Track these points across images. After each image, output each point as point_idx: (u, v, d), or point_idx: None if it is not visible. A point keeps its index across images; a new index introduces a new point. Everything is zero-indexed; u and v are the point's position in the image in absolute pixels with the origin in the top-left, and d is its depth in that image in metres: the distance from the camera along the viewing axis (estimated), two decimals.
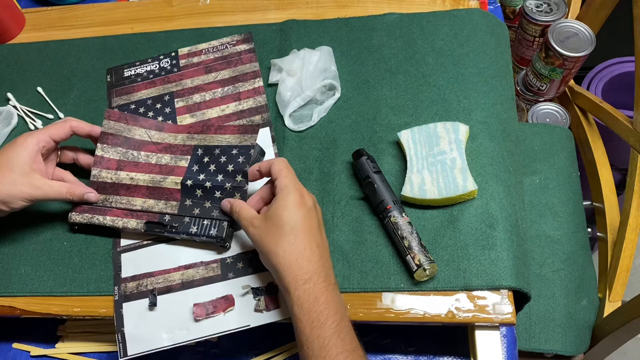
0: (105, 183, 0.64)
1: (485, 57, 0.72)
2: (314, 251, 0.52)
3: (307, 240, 0.52)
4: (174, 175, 0.63)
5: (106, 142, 0.65)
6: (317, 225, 0.54)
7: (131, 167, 0.64)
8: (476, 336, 0.59)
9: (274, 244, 0.53)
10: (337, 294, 0.52)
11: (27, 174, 0.59)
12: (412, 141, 0.65)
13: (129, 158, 0.64)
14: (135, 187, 0.64)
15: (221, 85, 0.74)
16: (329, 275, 0.52)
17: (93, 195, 0.64)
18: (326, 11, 0.80)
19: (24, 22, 0.87)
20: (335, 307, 0.50)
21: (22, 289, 0.64)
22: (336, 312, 0.50)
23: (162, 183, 0.63)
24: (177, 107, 0.73)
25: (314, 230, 0.53)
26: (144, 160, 0.65)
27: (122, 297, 0.62)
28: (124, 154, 0.65)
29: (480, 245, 0.59)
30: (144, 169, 0.64)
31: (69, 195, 0.62)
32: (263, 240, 0.54)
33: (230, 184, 0.61)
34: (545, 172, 0.86)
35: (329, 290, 0.51)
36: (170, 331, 0.60)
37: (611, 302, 0.81)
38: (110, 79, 0.78)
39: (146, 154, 0.65)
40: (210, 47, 0.78)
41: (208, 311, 0.60)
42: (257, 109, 0.72)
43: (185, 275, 0.62)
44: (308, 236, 0.53)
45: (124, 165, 0.64)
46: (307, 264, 0.51)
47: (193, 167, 0.63)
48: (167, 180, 0.63)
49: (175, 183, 0.62)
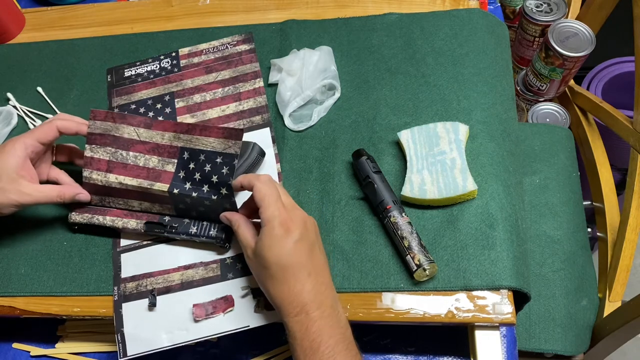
0: (97, 185, 0.63)
1: (485, 57, 0.72)
2: (305, 283, 0.52)
3: (296, 275, 0.52)
4: (161, 182, 0.62)
5: (95, 142, 0.63)
6: (307, 253, 0.53)
7: (120, 169, 0.63)
8: (476, 336, 0.59)
9: (263, 282, 0.54)
10: (331, 319, 0.52)
11: (14, 181, 0.58)
12: (412, 141, 0.65)
13: (118, 158, 0.63)
14: (126, 191, 0.63)
15: (222, 85, 0.74)
16: (323, 302, 0.52)
17: (83, 196, 0.63)
18: (326, 11, 0.80)
19: (24, 22, 0.87)
20: (329, 332, 0.50)
21: (22, 289, 0.64)
22: (330, 337, 0.50)
23: (150, 190, 0.62)
24: (178, 108, 0.73)
25: (303, 261, 0.52)
26: (132, 161, 0.63)
27: (122, 297, 0.62)
28: (113, 154, 0.63)
29: (480, 245, 0.59)
30: (132, 172, 0.63)
31: (59, 199, 0.61)
32: (255, 274, 0.55)
33: (216, 197, 0.60)
34: (545, 172, 0.86)
35: (322, 318, 0.51)
36: (169, 331, 0.60)
37: (611, 302, 0.81)
38: (111, 78, 0.78)
39: (134, 154, 0.63)
40: (211, 47, 0.78)
41: (208, 312, 0.60)
42: (257, 110, 0.72)
43: (184, 275, 0.62)
44: (297, 270, 0.52)
45: (113, 167, 0.63)
46: (297, 297, 0.51)
47: (180, 173, 0.62)
48: (154, 187, 0.62)
49: (162, 191, 0.61)
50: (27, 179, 0.59)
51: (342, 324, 0.52)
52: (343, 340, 0.51)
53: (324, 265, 0.55)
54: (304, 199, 0.65)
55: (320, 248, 0.56)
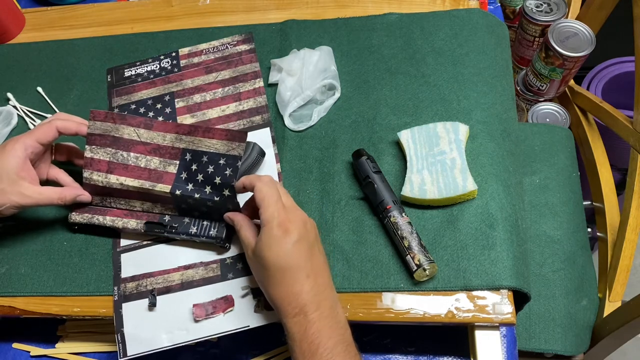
0: (97, 186, 0.63)
1: (485, 57, 0.72)
2: (303, 284, 0.52)
3: (295, 276, 0.52)
4: (163, 182, 0.62)
5: (94, 142, 0.63)
6: (306, 255, 0.53)
7: (120, 170, 0.63)
8: (476, 336, 0.59)
9: (263, 282, 0.54)
10: (330, 320, 0.51)
11: (15, 183, 0.58)
12: (412, 141, 0.65)
13: (118, 159, 0.63)
14: (127, 192, 0.63)
15: (222, 85, 0.74)
16: (322, 303, 0.52)
17: (84, 197, 0.63)
18: (326, 11, 0.80)
19: (24, 22, 0.87)
20: (328, 334, 0.50)
21: (22, 289, 0.64)
22: (328, 338, 0.50)
23: (151, 191, 0.62)
24: (178, 108, 0.73)
25: (302, 262, 0.52)
26: (134, 162, 0.63)
27: (122, 297, 0.62)
28: (114, 155, 0.63)
29: (480, 245, 0.59)
30: (134, 173, 0.63)
31: (60, 201, 0.61)
32: (255, 275, 0.56)
33: (218, 198, 0.60)
34: (545, 172, 0.86)
35: (321, 319, 0.51)
36: (169, 331, 0.60)
37: (611, 302, 0.81)
38: (111, 79, 0.78)
39: (135, 155, 0.63)
40: (211, 47, 0.78)
41: (208, 312, 0.60)
42: (257, 110, 0.72)
43: (184, 275, 0.62)
44: (295, 271, 0.52)
45: (114, 168, 0.63)
46: (296, 298, 0.51)
47: (182, 174, 0.62)
48: (156, 188, 0.61)
49: (164, 192, 0.61)
50: (28, 181, 0.59)
51: (341, 325, 0.52)
52: (342, 341, 0.51)
53: (323, 266, 0.55)
54: (304, 199, 0.65)
55: (320, 249, 0.56)
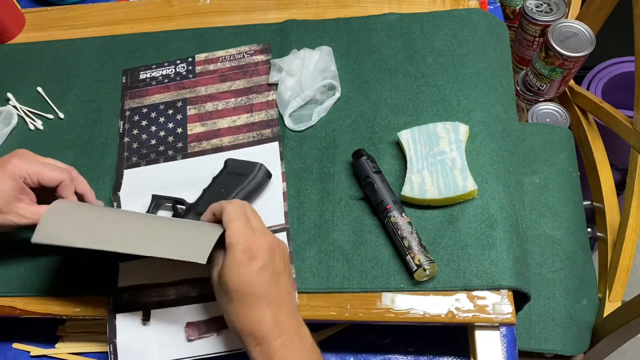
0: None
1: (485, 57, 0.72)
2: (264, 313, 0.50)
3: (255, 304, 0.50)
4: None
5: None
6: (269, 283, 0.51)
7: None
8: (476, 336, 0.59)
9: (224, 308, 0.53)
10: (295, 344, 0.50)
11: (12, 204, 0.58)
12: (412, 141, 0.65)
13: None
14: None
15: (235, 95, 0.74)
16: (284, 330, 0.51)
17: None
18: (326, 11, 0.80)
19: (24, 22, 0.87)
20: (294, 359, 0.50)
21: (22, 289, 0.64)
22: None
23: None
24: (189, 115, 0.73)
25: (264, 291, 0.51)
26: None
27: (117, 308, 0.61)
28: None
29: (480, 245, 0.59)
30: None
31: None
32: (217, 299, 0.54)
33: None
34: (545, 172, 0.86)
35: (284, 346, 0.50)
36: (162, 347, 0.59)
37: (611, 302, 0.81)
38: (126, 80, 0.77)
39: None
40: (228, 55, 0.77)
41: (201, 331, 0.59)
42: (268, 122, 0.71)
43: (180, 290, 0.61)
44: (256, 300, 0.51)
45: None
46: (257, 327, 0.50)
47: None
48: None
49: None
50: (25, 202, 0.59)
51: (307, 348, 0.51)
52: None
53: (287, 293, 0.53)
54: (304, 199, 0.65)
55: (288, 276, 0.54)
